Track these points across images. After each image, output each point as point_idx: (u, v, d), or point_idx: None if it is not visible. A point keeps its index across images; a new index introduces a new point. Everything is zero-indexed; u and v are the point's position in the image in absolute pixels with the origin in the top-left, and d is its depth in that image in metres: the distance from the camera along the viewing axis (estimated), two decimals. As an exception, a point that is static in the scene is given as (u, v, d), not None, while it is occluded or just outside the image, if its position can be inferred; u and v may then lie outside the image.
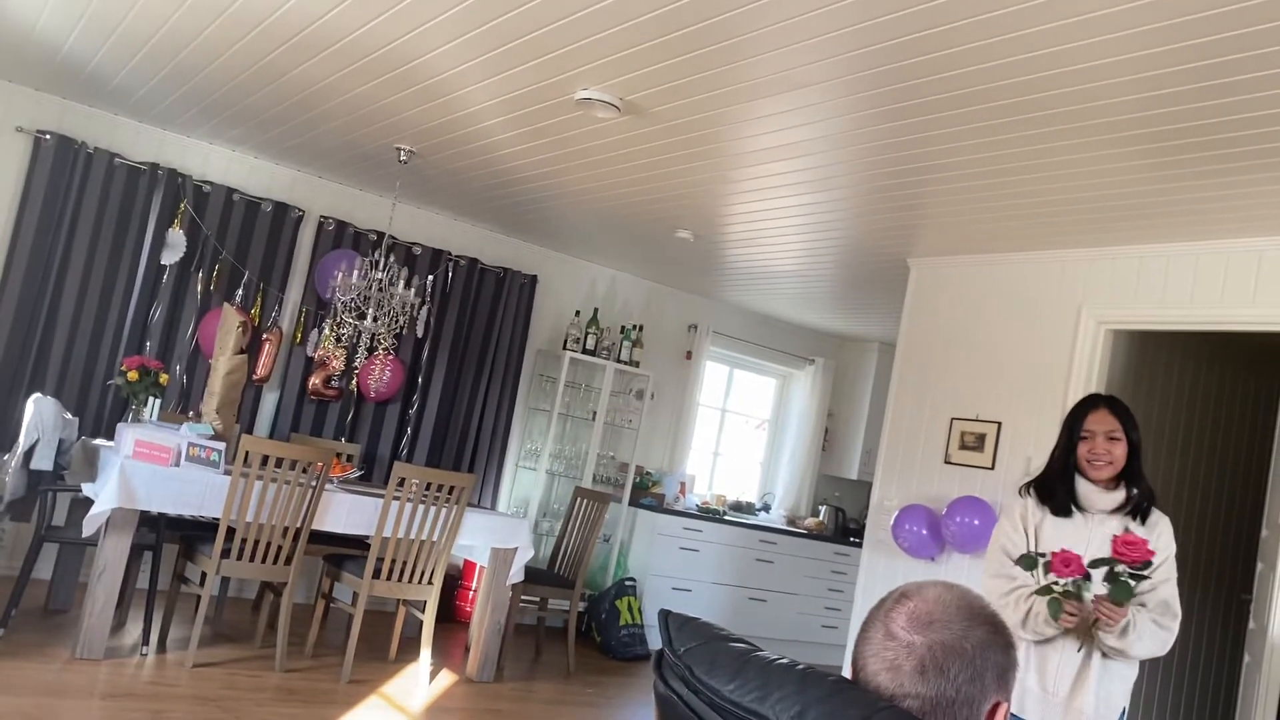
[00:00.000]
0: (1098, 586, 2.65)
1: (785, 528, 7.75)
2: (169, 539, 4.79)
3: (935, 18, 2.82)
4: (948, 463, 5.08)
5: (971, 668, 1.17)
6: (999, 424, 4.89)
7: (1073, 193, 4.03)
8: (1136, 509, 2.79)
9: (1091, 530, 2.81)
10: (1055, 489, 2.85)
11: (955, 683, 1.17)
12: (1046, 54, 2.91)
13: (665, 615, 1.35)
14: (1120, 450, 2.78)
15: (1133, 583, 2.59)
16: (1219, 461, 5.86)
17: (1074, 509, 2.81)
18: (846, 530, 8.06)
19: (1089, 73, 2.98)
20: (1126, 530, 2.75)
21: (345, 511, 4.67)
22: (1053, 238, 4.68)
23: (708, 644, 1.28)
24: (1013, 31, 2.82)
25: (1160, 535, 2.78)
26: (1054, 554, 2.65)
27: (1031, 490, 2.93)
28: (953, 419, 5.12)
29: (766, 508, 8.11)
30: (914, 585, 1.27)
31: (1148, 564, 2.61)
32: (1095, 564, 2.64)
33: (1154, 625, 2.68)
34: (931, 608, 1.22)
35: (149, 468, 4.19)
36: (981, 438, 4.95)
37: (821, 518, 8.03)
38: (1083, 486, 2.81)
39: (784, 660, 1.23)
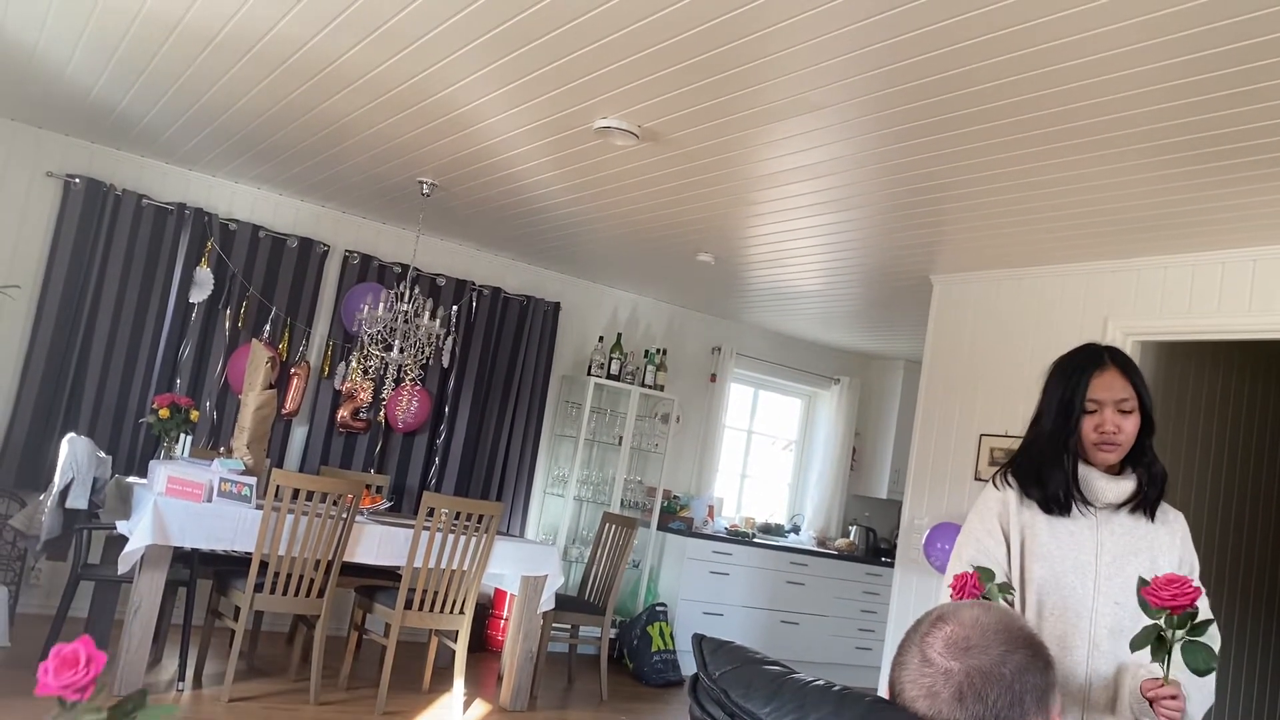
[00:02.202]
0: (1138, 660, 1.93)
1: (815, 549, 7.70)
2: (202, 574, 4.83)
3: (949, 36, 2.83)
4: (978, 479, 5.05)
5: (1010, 693, 1.16)
6: (1024, 436, 4.85)
7: (1095, 205, 4.02)
8: (1146, 500, 2.10)
9: (1101, 533, 2.09)
10: (1048, 478, 2.11)
11: (994, 709, 1.15)
12: (1064, 68, 2.92)
13: (699, 640, 1.35)
14: (1132, 425, 2.06)
15: (1201, 644, 1.78)
16: (1253, 469, 5.79)
17: (1074, 504, 2.09)
18: (878, 550, 8.00)
19: (1108, 85, 2.98)
20: (1135, 528, 2.10)
21: (376, 543, 4.69)
22: (1076, 250, 4.66)
23: (743, 667, 1.28)
24: (1029, 47, 2.83)
25: (1184, 541, 2.14)
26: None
27: (1011, 479, 2.18)
28: (981, 435, 5.09)
29: (796, 529, 8.07)
30: (951, 607, 1.26)
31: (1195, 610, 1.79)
32: (1140, 639, 1.83)
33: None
34: (969, 632, 1.20)
35: (182, 504, 4.23)
36: (1011, 454, 4.91)
37: (852, 538, 7.98)
38: (1089, 474, 2.09)
39: (820, 682, 1.23)
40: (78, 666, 1.09)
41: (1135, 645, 1.84)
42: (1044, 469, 2.12)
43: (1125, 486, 2.10)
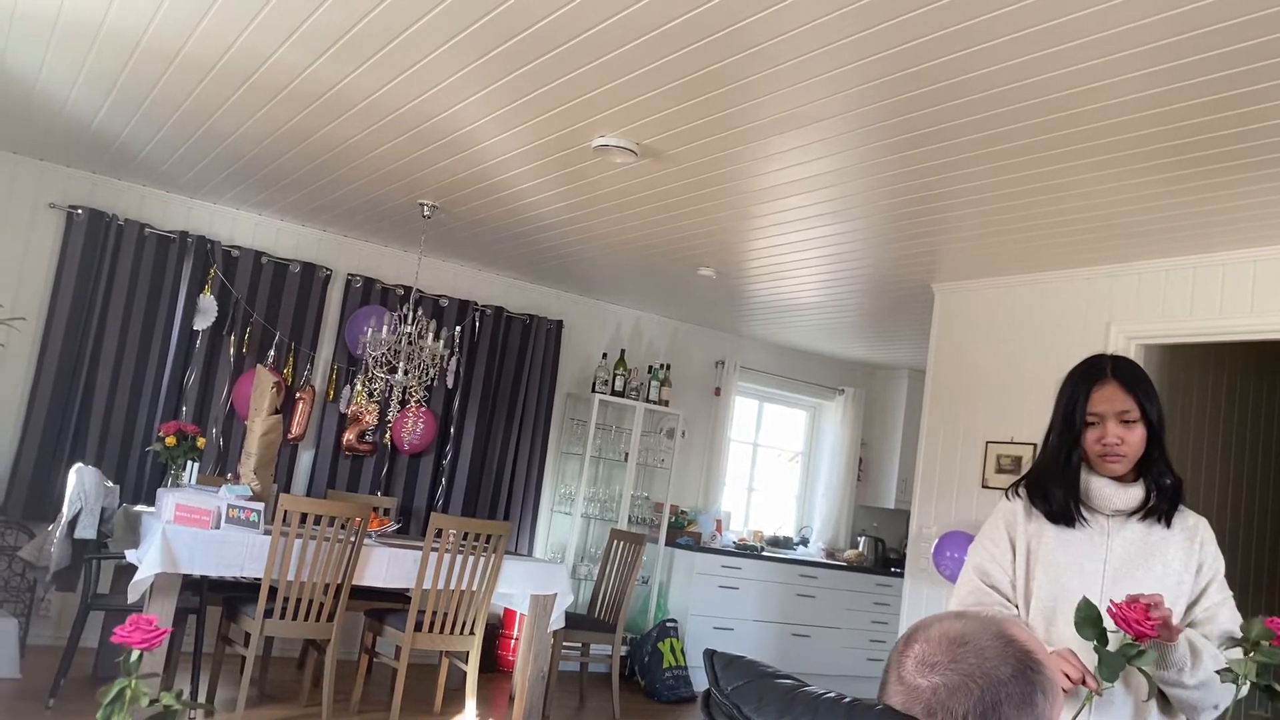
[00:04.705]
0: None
1: (825, 561, 7.69)
2: (212, 601, 4.83)
3: (944, 47, 2.85)
4: (985, 487, 5.04)
5: (981, 705, 1.16)
6: (1034, 445, 4.86)
7: (1094, 210, 4.03)
8: (1156, 510, 2.11)
9: (1111, 540, 2.11)
10: (1052, 492, 2.14)
11: None
12: (1060, 75, 2.93)
13: (711, 655, 1.35)
14: (1137, 436, 2.08)
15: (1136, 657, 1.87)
16: (1261, 468, 5.78)
17: (1081, 515, 2.13)
18: (887, 560, 7.98)
19: (1103, 91, 2.99)
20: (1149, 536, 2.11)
21: (385, 565, 4.69)
22: (1076, 255, 4.67)
23: (754, 681, 1.29)
24: (1024, 55, 2.84)
25: (1204, 545, 2.12)
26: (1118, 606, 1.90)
27: (1022, 491, 2.22)
28: (987, 442, 5.08)
29: (805, 541, 8.05)
30: (923, 623, 1.27)
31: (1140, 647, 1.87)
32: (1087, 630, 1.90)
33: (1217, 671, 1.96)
34: (934, 649, 1.21)
35: (190, 531, 4.24)
36: (1018, 460, 4.91)
37: (861, 549, 7.96)
38: (1094, 482, 2.12)
39: (831, 694, 1.23)
40: (152, 625, 1.56)
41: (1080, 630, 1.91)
42: (1049, 483, 2.16)
43: (1134, 494, 2.11)
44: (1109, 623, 1.89)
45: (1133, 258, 4.56)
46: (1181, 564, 2.10)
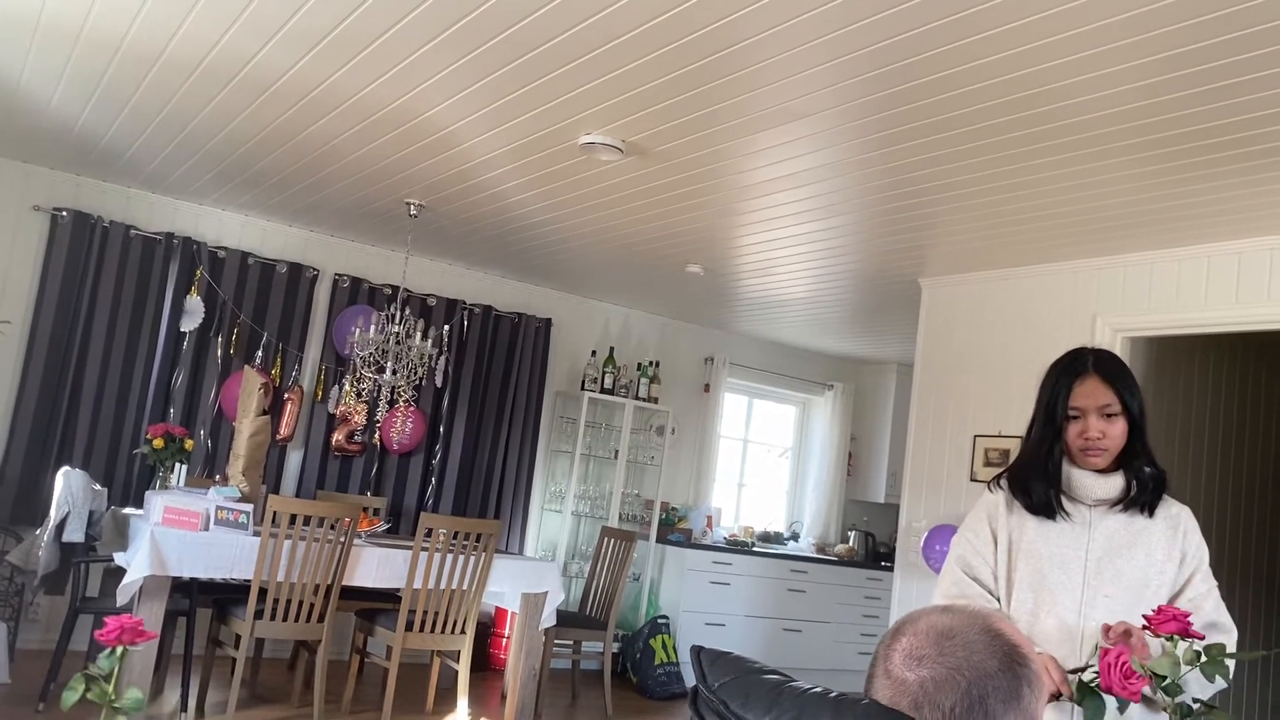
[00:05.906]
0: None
1: (815, 556, 7.70)
2: (202, 603, 4.81)
3: (928, 41, 2.86)
4: (974, 480, 5.06)
5: (968, 698, 1.16)
6: (1022, 438, 4.87)
7: (1080, 203, 4.04)
8: (1137, 501, 2.12)
9: (1093, 531, 2.13)
10: (1033, 486, 2.15)
11: (952, 715, 1.16)
12: (1045, 68, 2.94)
13: (698, 651, 1.36)
14: (1118, 430, 2.09)
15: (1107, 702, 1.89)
16: (1247, 458, 5.81)
17: (1063, 507, 2.14)
18: (877, 554, 8.00)
19: (1088, 84, 3.01)
20: (1130, 526, 2.13)
21: (375, 565, 4.69)
22: (1062, 249, 4.68)
23: (742, 678, 1.29)
24: (1009, 49, 2.85)
25: (1188, 534, 2.14)
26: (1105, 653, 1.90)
27: (1003, 483, 2.24)
28: (975, 436, 5.10)
29: (795, 536, 8.07)
30: (910, 617, 1.27)
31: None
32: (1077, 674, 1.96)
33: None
34: (921, 642, 1.21)
35: (179, 534, 4.22)
36: (1006, 453, 4.93)
37: (851, 543, 7.98)
38: (1074, 474, 2.14)
39: (817, 689, 1.24)
40: (130, 623, 1.80)
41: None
42: (1030, 477, 2.17)
43: (1114, 483, 2.12)
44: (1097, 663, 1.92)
45: (1118, 251, 4.58)
46: (1164, 553, 2.11)
